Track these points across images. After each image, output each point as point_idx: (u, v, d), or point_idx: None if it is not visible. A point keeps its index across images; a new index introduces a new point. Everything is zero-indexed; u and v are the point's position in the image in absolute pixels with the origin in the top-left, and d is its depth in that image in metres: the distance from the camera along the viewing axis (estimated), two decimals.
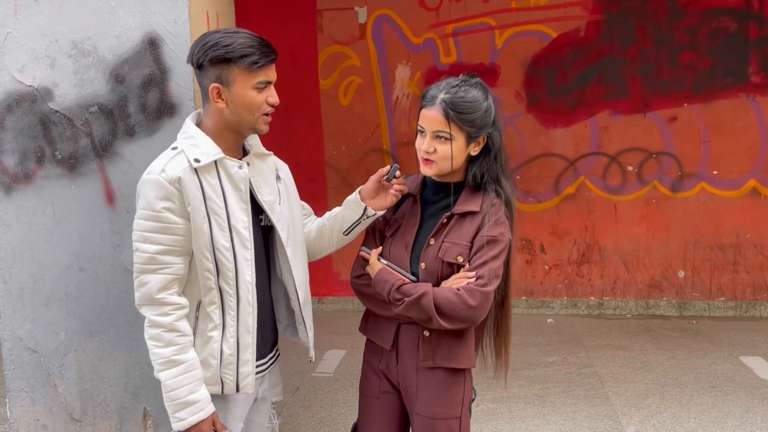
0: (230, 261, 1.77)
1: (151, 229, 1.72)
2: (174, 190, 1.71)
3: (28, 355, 2.58)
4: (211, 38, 1.74)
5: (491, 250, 1.84)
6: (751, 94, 5.22)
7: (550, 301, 5.64)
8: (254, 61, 1.73)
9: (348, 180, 5.68)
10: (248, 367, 1.83)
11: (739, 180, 5.33)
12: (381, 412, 2.03)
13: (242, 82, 1.75)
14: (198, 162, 1.73)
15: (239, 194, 1.79)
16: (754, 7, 5.14)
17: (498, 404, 3.76)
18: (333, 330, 5.18)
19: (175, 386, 1.74)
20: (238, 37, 1.73)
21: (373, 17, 5.52)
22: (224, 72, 1.74)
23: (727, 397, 3.81)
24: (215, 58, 1.72)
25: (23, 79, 2.46)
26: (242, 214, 1.79)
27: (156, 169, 1.74)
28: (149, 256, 1.72)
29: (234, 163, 1.79)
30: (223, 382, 1.82)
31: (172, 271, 1.75)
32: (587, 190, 5.50)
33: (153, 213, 1.71)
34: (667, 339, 4.87)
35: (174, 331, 1.74)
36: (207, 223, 1.73)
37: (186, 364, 1.75)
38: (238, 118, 1.78)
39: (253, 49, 1.73)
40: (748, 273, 5.40)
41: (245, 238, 1.79)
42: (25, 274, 2.53)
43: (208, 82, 1.76)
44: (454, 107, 1.82)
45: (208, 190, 1.74)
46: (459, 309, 1.80)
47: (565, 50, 5.35)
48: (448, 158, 1.85)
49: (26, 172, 2.50)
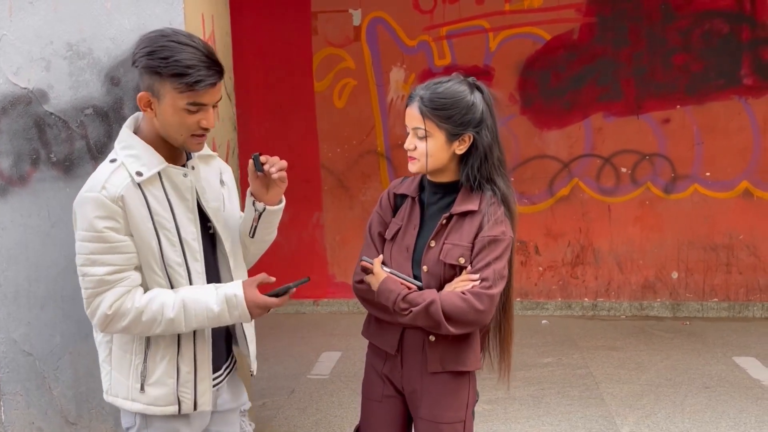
0: (183, 277, 1.68)
1: (97, 251, 1.59)
2: (117, 208, 1.59)
3: (23, 357, 2.57)
4: (153, 43, 1.59)
5: (493, 251, 1.83)
6: (743, 96, 5.25)
7: (544, 302, 5.65)
8: (188, 83, 1.55)
9: (343, 182, 5.69)
10: (205, 383, 1.74)
11: (732, 181, 5.36)
12: (384, 416, 2.01)
13: (172, 101, 1.58)
14: (140, 176, 1.61)
15: (186, 204, 1.69)
16: (747, 9, 5.17)
17: (493, 405, 3.77)
18: (328, 332, 5.18)
19: (204, 318, 1.65)
20: (181, 51, 1.56)
21: (367, 19, 5.53)
22: (156, 84, 1.58)
23: (721, 398, 3.83)
24: (147, 67, 1.58)
25: (18, 81, 2.46)
26: (191, 225, 1.69)
27: (96, 186, 1.60)
28: (99, 278, 1.60)
29: (179, 171, 1.67)
30: (180, 401, 1.71)
31: (126, 284, 1.63)
32: (581, 191, 5.52)
33: (95, 234, 1.58)
34: (661, 340, 4.89)
35: (146, 307, 1.62)
36: (155, 239, 1.63)
37: (183, 303, 1.63)
38: (166, 134, 1.65)
39: (190, 69, 1.55)
40: (741, 274, 5.43)
41: (195, 250, 1.70)
42: (20, 277, 2.52)
43: (140, 88, 1.63)
44: (430, 103, 1.82)
45: (153, 204, 1.63)
46: (467, 314, 1.79)
47: (558, 52, 5.37)
48: (428, 155, 1.84)
49: (21, 174, 2.49)
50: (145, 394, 1.70)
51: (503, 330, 2.03)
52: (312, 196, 5.67)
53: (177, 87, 1.56)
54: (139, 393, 1.70)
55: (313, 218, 5.74)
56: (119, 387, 1.73)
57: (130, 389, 1.71)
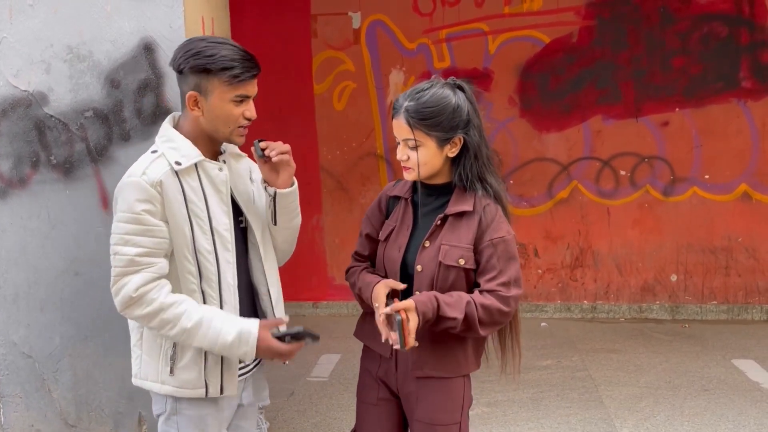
0: (213, 264, 1.76)
1: (132, 232, 1.70)
2: (155, 192, 1.70)
3: (22, 360, 2.57)
4: (195, 46, 1.73)
5: (505, 253, 1.86)
6: (742, 99, 5.26)
7: (543, 304, 5.66)
8: (235, 75, 1.71)
9: (343, 184, 5.69)
10: (232, 370, 1.82)
11: (731, 184, 5.37)
12: (379, 419, 2.02)
13: (220, 94, 1.73)
14: (179, 165, 1.73)
15: (220, 196, 1.79)
16: (745, 12, 5.18)
17: (492, 408, 3.77)
18: (328, 334, 5.18)
19: (214, 342, 1.72)
20: (222, 49, 1.71)
21: (367, 22, 5.54)
22: (203, 82, 1.73)
23: (720, 400, 3.83)
24: (195, 67, 1.72)
25: (18, 83, 2.46)
26: (223, 217, 1.79)
27: (137, 171, 1.73)
28: (129, 258, 1.70)
29: (214, 165, 1.79)
30: (207, 385, 1.79)
31: (155, 270, 1.72)
32: (580, 194, 5.53)
33: (133, 215, 1.69)
34: (660, 342, 4.90)
35: (171, 306, 1.70)
36: (188, 226, 1.73)
37: (202, 319, 1.71)
38: (213, 128, 1.77)
39: (235, 62, 1.71)
40: (740, 277, 5.44)
41: (227, 240, 1.79)
42: (19, 279, 2.53)
43: (186, 89, 1.75)
44: (417, 114, 1.82)
45: (189, 192, 1.74)
46: (494, 315, 1.83)
47: (558, 55, 5.38)
48: (421, 164, 1.85)
49: (21, 176, 2.50)
50: (174, 377, 1.78)
51: (513, 328, 2.03)
52: (311, 198, 5.67)
53: (225, 80, 1.71)
54: (168, 376, 1.78)
55: (312, 220, 5.75)
56: (149, 370, 1.81)
57: (160, 372, 1.79)
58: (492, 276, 1.85)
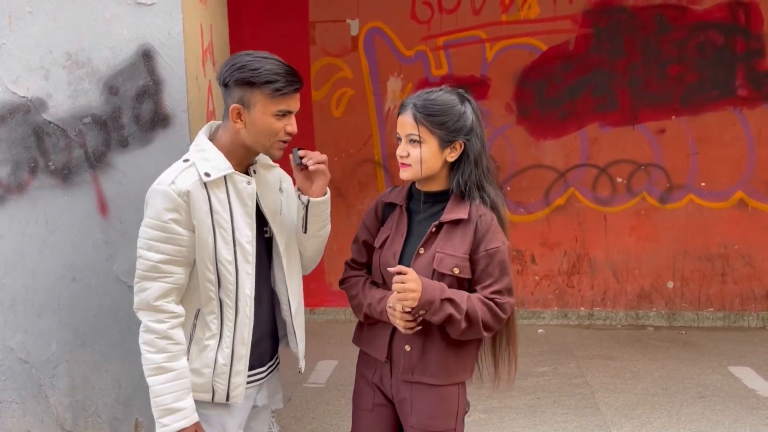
0: (232, 274, 1.81)
1: (157, 239, 1.75)
2: (182, 202, 1.75)
3: (19, 365, 2.57)
4: (241, 60, 1.77)
5: (499, 263, 1.89)
6: (738, 106, 5.29)
7: (540, 311, 5.66)
8: (277, 89, 1.75)
9: (341, 190, 5.70)
10: (240, 378, 1.87)
11: (727, 192, 5.39)
12: (375, 425, 2.03)
13: (263, 108, 1.77)
14: (208, 176, 1.77)
15: (245, 209, 1.83)
16: (741, 20, 5.22)
17: (489, 414, 3.77)
18: (325, 340, 5.18)
19: (162, 392, 1.77)
20: (266, 63, 1.75)
21: (365, 29, 5.56)
22: (247, 95, 1.77)
23: (717, 407, 3.84)
24: (240, 80, 1.76)
25: (17, 89, 2.47)
26: (247, 229, 1.83)
27: (166, 180, 1.77)
28: (152, 264, 1.76)
29: (243, 178, 1.83)
30: (214, 391, 1.85)
31: (173, 281, 1.78)
32: (577, 201, 5.55)
33: (160, 223, 1.75)
34: (657, 349, 4.90)
35: (167, 339, 1.77)
36: (212, 236, 1.78)
37: (175, 372, 1.78)
38: (254, 141, 1.82)
39: (278, 76, 1.75)
40: (737, 284, 5.45)
41: (248, 252, 1.83)
42: (17, 285, 2.53)
43: (230, 102, 1.80)
44: (424, 110, 1.87)
45: (215, 203, 1.78)
46: (492, 319, 1.87)
47: (555, 63, 5.40)
48: (420, 161, 1.88)
49: (19, 182, 2.50)
50: None
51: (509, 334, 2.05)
52: None
53: (268, 94, 1.75)
54: None
55: None
56: None
57: None
58: (487, 284, 1.89)
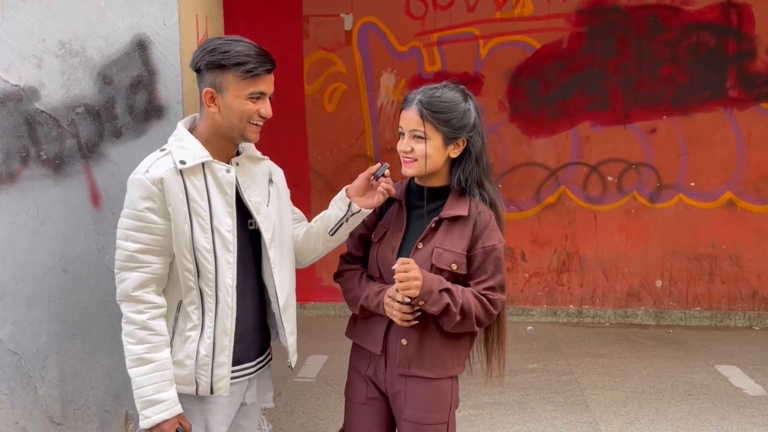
0: (210, 263, 1.78)
1: (133, 228, 1.75)
2: (156, 190, 1.73)
3: (8, 357, 2.55)
4: (211, 44, 1.77)
5: (494, 261, 1.91)
6: (728, 107, 5.33)
7: (530, 308, 5.69)
8: (248, 70, 1.74)
9: (332, 185, 5.69)
10: (223, 369, 1.83)
11: (716, 192, 5.43)
12: (368, 419, 2.03)
13: (235, 91, 1.76)
14: (183, 164, 1.75)
15: (225, 197, 1.81)
16: (733, 22, 5.25)
17: (479, 410, 3.78)
18: (315, 335, 5.18)
19: (143, 384, 1.76)
20: (237, 45, 1.75)
21: (358, 24, 5.55)
22: (218, 78, 1.76)
23: (704, 405, 3.87)
24: (211, 63, 1.75)
25: (9, 78, 2.44)
26: (226, 217, 1.81)
27: (141, 169, 1.77)
28: (129, 254, 1.76)
29: (221, 167, 1.81)
30: (197, 383, 1.83)
31: (151, 270, 1.77)
32: (568, 199, 5.57)
33: (135, 212, 1.75)
34: (645, 347, 4.94)
35: (147, 330, 1.76)
36: (188, 224, 1.76)
37: (156, 363, 1.76)
38: (228, 125, 1.80)
39: (249, 57, 1.74)
40: (724, 283, 5.50)
41: (228, 241, 1.81)
42: (6, 275, 2.50)
43: (203, 86, 1.79)
44: (430, 106, 1.87)
45: (192, 191, 1.76)
46: (482, 314, 1.89)
47: (548, 61, 5.42)
48: (424, 157, 1.88)
49: (10, 172, 2.47)
50: None
51: (499, 330, 2.07)
52: (301, 199, 5.63)
53: (239, 75, 1.74)
54: None
55: None
56: None
57: None
58: (481, 279, 1.91)
